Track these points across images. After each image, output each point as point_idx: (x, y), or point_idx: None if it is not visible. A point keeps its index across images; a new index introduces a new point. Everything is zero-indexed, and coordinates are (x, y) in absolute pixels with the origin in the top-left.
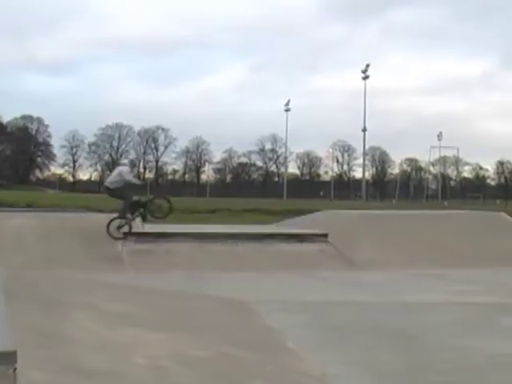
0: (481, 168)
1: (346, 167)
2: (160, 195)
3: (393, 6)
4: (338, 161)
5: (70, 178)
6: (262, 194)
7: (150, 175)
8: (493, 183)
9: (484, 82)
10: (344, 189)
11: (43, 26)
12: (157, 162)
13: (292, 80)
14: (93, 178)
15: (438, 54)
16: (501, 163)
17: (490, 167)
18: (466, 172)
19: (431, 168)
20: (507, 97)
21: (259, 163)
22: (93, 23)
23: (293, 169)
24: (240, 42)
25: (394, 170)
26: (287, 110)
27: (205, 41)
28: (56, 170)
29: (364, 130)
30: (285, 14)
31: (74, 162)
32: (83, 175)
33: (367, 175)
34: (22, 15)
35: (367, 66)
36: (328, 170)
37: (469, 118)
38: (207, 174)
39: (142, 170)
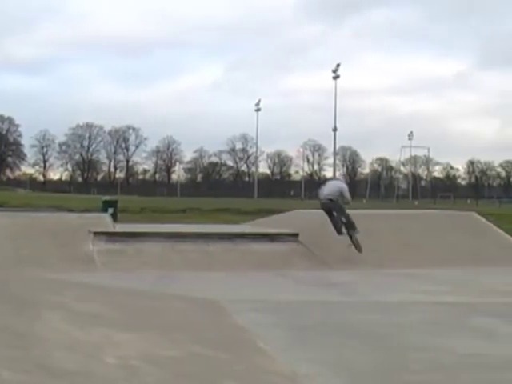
0: (451, 168)
1: (316, 167)
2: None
3: (368, 6)
4: (308, 160)
5: (41, 178)
6: (232, 194)
7: (120, 175)
8: (463, 183)
9: (457, 83)
10: (315, 188)
11: (17, 26)
12: (127, 161)
13: (266, 80)
14: (63, 178)
15: (412, 54)
16: (471, 163)
17: (460, 167)
18: (437, 172)
19: (402, 168)
20: (479, 97)
21: (230, 163)
22: (67, 23)
23: (263, 168)
24: (215, 41)
25: (365, 170)
26: (258, 110)
27: (180, 40)
28: (26, 169)
29: (334, 129)
30: (261, 14)
31: (45, 161)
32: (54, 175)
33: (338, 175)
34: None
35: (338, 65)
36: (299, 170)
37: (440, 118)
38: (178, 174)
39: (112, 169)
